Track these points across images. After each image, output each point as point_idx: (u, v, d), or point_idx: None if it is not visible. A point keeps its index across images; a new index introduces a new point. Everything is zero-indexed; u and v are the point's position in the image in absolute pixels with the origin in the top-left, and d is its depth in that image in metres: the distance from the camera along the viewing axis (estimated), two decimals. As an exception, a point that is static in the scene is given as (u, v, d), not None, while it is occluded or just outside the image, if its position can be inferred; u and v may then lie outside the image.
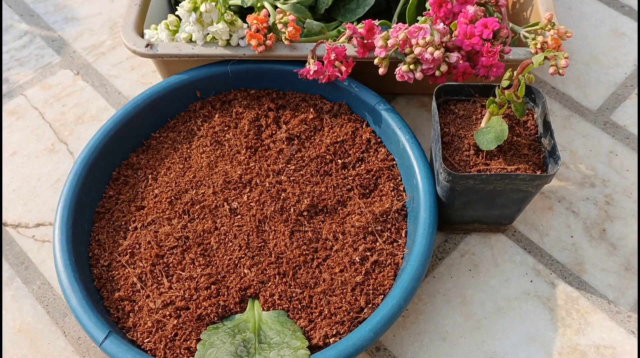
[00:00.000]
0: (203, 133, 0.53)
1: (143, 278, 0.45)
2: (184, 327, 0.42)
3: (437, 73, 0.47)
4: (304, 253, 0.46)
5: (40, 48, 0.66)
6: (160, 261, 0.46)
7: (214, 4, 0.49)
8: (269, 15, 0.51)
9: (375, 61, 0.48)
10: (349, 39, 0.49)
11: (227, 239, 0.46)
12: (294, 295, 0.44)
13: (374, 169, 0.50)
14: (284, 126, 0.53)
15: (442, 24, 0.46)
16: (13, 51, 0.66)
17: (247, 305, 0.44)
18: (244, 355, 0.40)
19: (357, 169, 0.50)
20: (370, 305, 0.43)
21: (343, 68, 0.49)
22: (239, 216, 0.47)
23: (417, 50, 0.45)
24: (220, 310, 0.43)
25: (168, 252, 0.46)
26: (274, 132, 0.52)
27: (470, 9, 0.46)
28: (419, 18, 0.49)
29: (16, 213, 0.54)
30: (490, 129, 0.43)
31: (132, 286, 0.44)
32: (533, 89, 0.46)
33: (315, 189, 0.49)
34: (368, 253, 0.45)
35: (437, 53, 0.45)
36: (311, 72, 0.49)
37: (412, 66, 0.46)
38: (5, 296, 0.49)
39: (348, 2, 0.56)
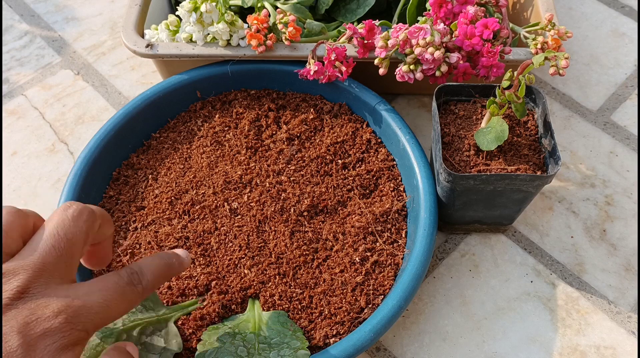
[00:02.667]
0: (203, 133, 0.53)
1: (143, 278, 0.45)
2: (184, 327, 0.42)
3: (438, 73, 0.47)
4: (304, 253, 0.46)
5: (41, 48, 0.66)
6: (161, 261, 0.46)
7: (214, 4, 0.49)
8: (270, 16, 0.51)
9: (376, 61, 0.48)
10: (350, 39, 0.49)
11: (227, 239, 0.46)
12: (294, 295, 0.44)
13: (374, 169, 0.50)
14: (284, 126, 0.53)
15: (442, 25, 0.46)
16: (13, 51, 0.66)
17: (247, 305, 0.44)
18: (244, 355, 0.40)
19: (357, 170, 0.50)
20: (370, 306, 0.43)
21: (343, 68, 0.49)
22: (239, 217, 0.47)
23: (417, 50, 0.45)
24: (220, 310, 0.43)
25: (168, 252, 0.46)
26: (274, 132, 0.52)
27: (471, 9, 0.47)
28: (419, 18, 0.49)
29: (16, 213, 0.54)
30: (491, 129, 0.43)
31: (132, 286, 0.44)
32: (533, 89, 0.46)
33: (316, 190, 0.49)
34: (368, 254, 0.45)
35: (437, 53, 0.45)
36: (311, 73, 0.49)
37: (412, 66, 0.46)
38: (6, 296, 0.49)
39: (348, 2, 0.56)
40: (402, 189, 0.49)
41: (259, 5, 0.54)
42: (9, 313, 0.27)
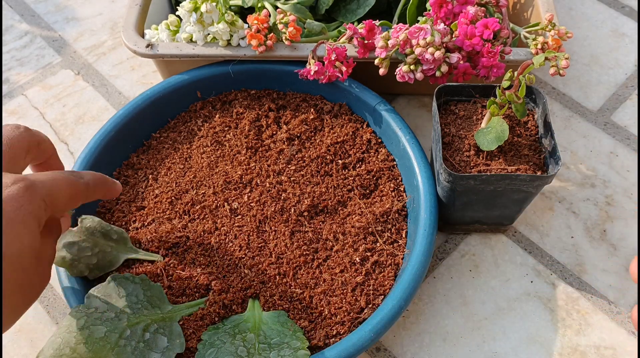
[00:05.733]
0: (203, 133, 0.53)
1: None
2: (185, 326, 0.42)
3: (438, 73, 0.47)
4: (304, 253, 0.46)
5: (41, 48, 0.66)
6: (161, 261, 0.46)
7: (214, 4, 0.49)
8: (270, 16, 0.51)
9: (376, 62, 0.48)
10: (350, 39, 0.49)
11: (227, 239, 0.46)
12: (294, 295, 0.44)
13: (375, 169, 0.50)
14: (285, 126, 0.53)
15: (442, 25, 0.46)
16: (14, 51, 0.66)
17: (248, 305, 0.44)
18: (244, 355, 0.40)
19: (357, 170, 0.50)
20: (370, 306, 0.43)
21: (343, 68, 0.49)
22: (240, 217, 0.47)
23: (417, 50, 0.45)
24: (220, 310, 0.43)
25: (168, 252, 0.46)
26: (274, 132, 0.52)
27: (471, 9, 0.47)
28: (419, 18, 0.49)
29: (16, 213, 0.53)
30: (491, 129, 0.43)
31: (133, 286, 0.44)
32: (534, 89, 0.46)
33: (316, 190, 0.49)
34: (368, 254, 0.45)
35: (437, 53, 0.45)
36: (312, 73, 0.49)
37: (412, 67, 0.46)
38: (6, 296, 0.49)
39: (348, 2, 0.56)
40: (402, 189, 0.49)
41: (259, 5, 0.54)
42: None
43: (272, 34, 0.50)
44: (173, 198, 0.49)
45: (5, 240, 0.28)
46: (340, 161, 0.50)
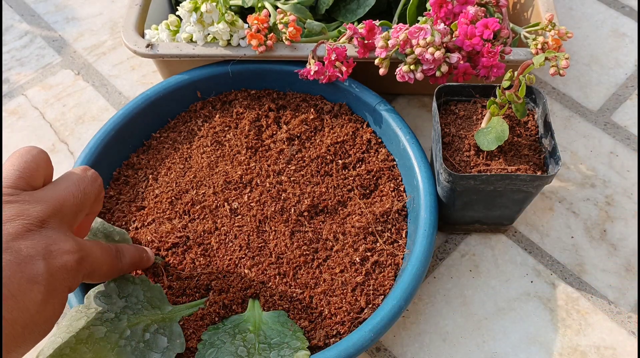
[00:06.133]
0: (203, 133, 0.53)
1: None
2: (185, 326, 0.42)
3: (438, 73, 0.47)
4: (305, 253, 0.46)
5: (41, 48, 0.66)
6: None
7: (214, 4, 0.49)
8: (270, 16, 0.51)
9: (376, 62, 0.48)
10: (350, 39, 0.49)
11: (227, 239, 0.46)
12: (294, 295, 0.44)
13: (375, 169, 0.50)
14: (285, 126, 0.53)
15: (442, 25, 0.46)
16: (14, 51, 0.66)
17: (248, 305, 0.44)
18: (244, 355, 0.40)
19: (357, 170, 0.50)
20: (370, 306, 0.43)
21: (344, 68, 0.49)
22: (240, 217, 0.47)
23: (417, 50, 0.45)
24: (220, 310, 0.43)
25: (168, 252, 0.46)
26: (274, 132, 0.52)
27: (471, 9, 0.47)
28: (419, 18, 0.49)
29: (17, 213, 0.53)
30: (491, 129, 0.43)
31: (133, 286, 0.44)
32: (534, 89, 0.46)
33: (316, 190, 0.49)
34: (368, 254, 0.45)
35: (437, 53, 0.45)
36: (312, 73, 0.49)
37: (412, 67, 0.46)
38: (6, 296, 0.49)
39: (348, 2, 0.56)
40: (402, 189, 0.49)
41: (259, 5, 0.54)
42: (34, 237, 0.30)
43: (272, 34, 0.50)
44: (173, 198, 0.49)
45: (45, 308, 0.29)
46: (340, 161, 0.50)
